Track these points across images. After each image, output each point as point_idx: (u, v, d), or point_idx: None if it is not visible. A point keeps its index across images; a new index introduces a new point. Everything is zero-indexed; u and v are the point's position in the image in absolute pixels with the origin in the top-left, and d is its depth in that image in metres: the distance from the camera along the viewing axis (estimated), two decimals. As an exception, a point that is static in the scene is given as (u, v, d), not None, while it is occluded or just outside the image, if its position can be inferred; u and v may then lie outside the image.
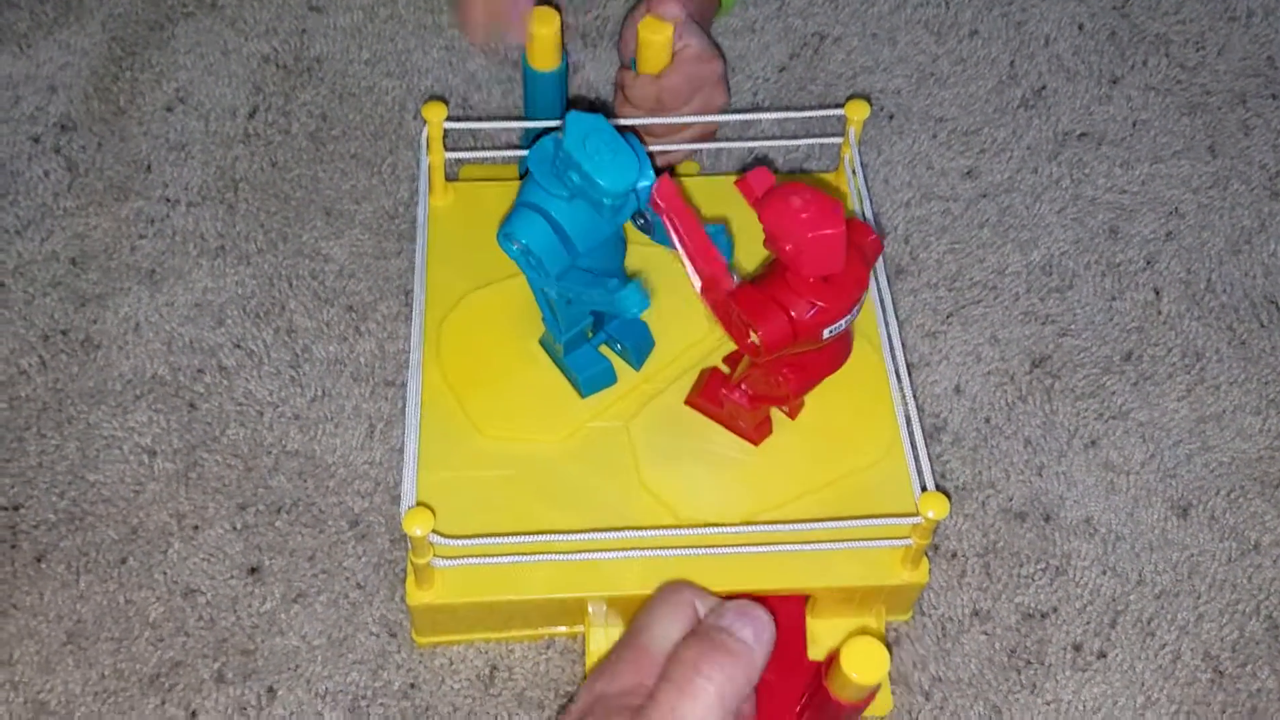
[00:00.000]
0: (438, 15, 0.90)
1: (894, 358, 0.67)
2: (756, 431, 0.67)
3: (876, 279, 0.69)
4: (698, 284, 0.60)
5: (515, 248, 0.61)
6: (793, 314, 0.57)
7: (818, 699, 0.56)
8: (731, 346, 0.66)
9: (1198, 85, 0.90)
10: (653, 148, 0.74)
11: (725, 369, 0.67)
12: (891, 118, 0.87)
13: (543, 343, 0.69)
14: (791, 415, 0.68)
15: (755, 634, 0.53)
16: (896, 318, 0.68)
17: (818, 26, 0.91)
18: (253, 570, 0.68)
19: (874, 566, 0.64)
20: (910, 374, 0.74)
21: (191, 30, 0.89)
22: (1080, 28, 0.92)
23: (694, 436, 0.67)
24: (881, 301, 0.69)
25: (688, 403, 0.68)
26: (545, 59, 0.73)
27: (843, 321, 0.58)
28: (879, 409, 0.68)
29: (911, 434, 0.64)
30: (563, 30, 0.72)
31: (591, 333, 0.68)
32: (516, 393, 0.68)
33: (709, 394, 0.67)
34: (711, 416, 0.67)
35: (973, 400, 0.76)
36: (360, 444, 0.73)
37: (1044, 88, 0.89)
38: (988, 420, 0.75)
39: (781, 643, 0.56)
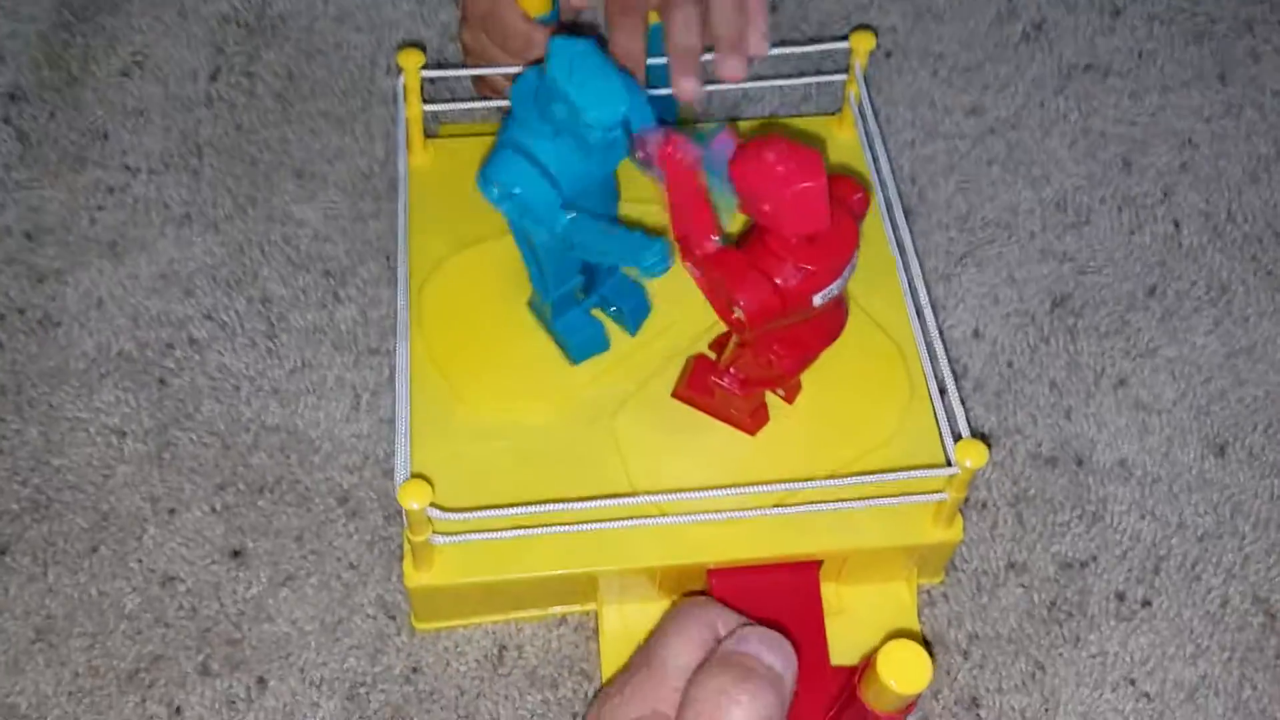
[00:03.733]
0: (406, -33, 0.85)
1: (915, 296, 0.62)
2: (752, 420, 0.61)
3: (891, 214, 0.65)
4: (677, 244, 0.55)
5: (495, 191, 0.56)
6: (778, 281, 0.52)
7: (851, 711, 0.51)
8: (720, 328, 0.61)
9: (1202, 13, 0.86)
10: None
11: (712, 355, 0.62)
12: (889, 55, 0.83)
13: (532, 306, 0.65)
14: (789, 399, 0.62)
15: (784, 661, 0.48)
16: (916, 252, 0.63)
17: (807, -35, 0.86)
18: (236, 554, 0.63)
19: (904, 525, 0.59)
20: (921, 319, 0.70)
21: (144, -9, 0.83)
22: (1079, -42, 0.88)
23: (684, 432, 0.62)
24: (899, 241, 0.64)
25: (675, 396, 0.63)
26: (535, 4, 0.69)
27: (834, 285, 0.53)
28: (887, 374, 0.63)
29: (940, 377, 0.59)
30: None
31: (583, 294, 0.63)
32: (504, 362, 0.64)
33: (696, 384, 0.61)
34: (701, 408, 0.62)
35: (993, 344, 0.72)
36: (345, 416, 0.68)
37: (1044, 21, 0.85)
38: (1010, 364, 0.71)
39: (802, 648, 0.51)
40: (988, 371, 0.71)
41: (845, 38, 0.68)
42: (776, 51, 0.71)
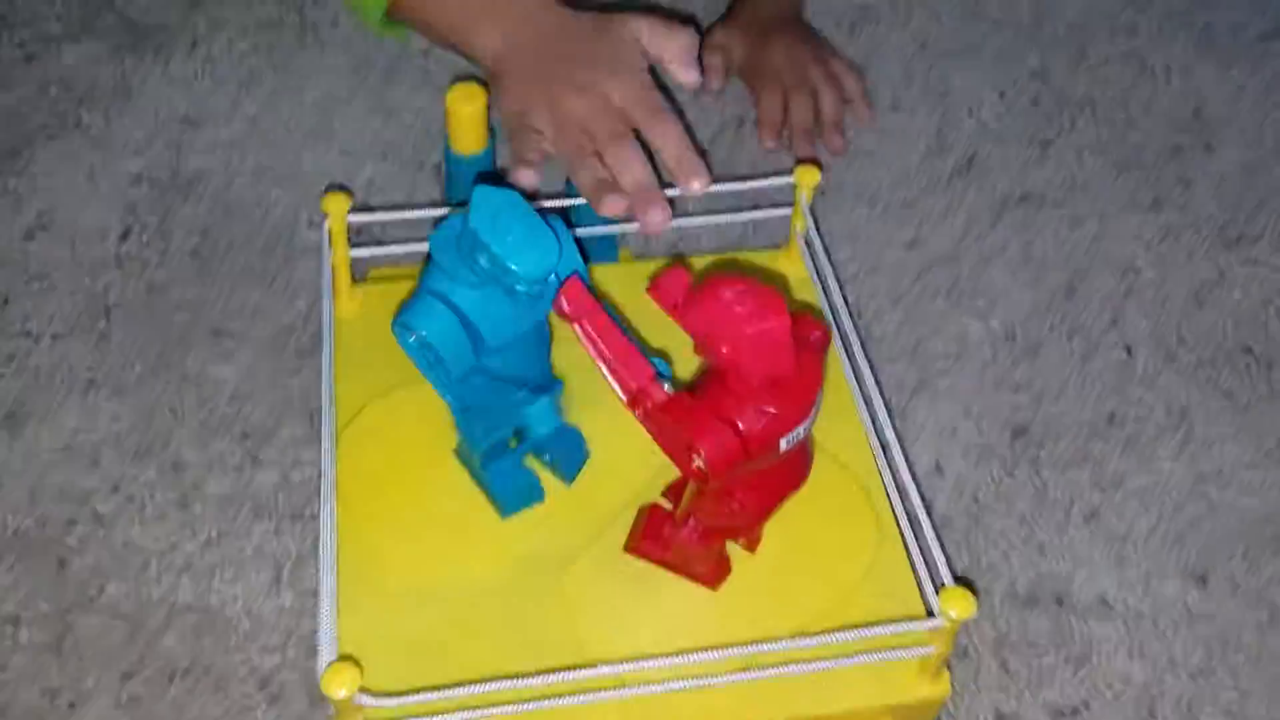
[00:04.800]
0: (328, 121, 0.83)
1: (877, 433, 0.59)
2: (713, 573, 0.57)
3: (847, 347, 0.62)
4: (623, 398, 0.52)
5: (412, 340, 0.53)
6: (740, 425, 0.49)
7: None
8: (673, 473, 0.57)
9: (1130, 143, 0.87)
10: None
11: (666, 504, 0.58)
12: (823, 193, 0.81)
13: (459, 454, 0.60)
14: (751, 548, 0.58)
15: None
16: (877, 383, 0.60)
17: (736, 109, 0.86)
18: (142, 753, 0.57)
19: (886, 682, 0.54)
20: (886, 454, 0.67)
21: (53, 153, 0.80)
22: (1002, 95, 0.89)
23: (640, 589, 0.57)
24: (857, 374, 0.61)
25: (628, 550, 0.58)
26: (470, 141, 0.66)
27: (800, 428, 0.50)
28: (854, 515, 0.59)
29: (913, 521, 0.56)
30: (490, 109, 0.65)
31: (515, 441, 0.59)
32: (435, 518, 0.58)
33: (651, 536, 0.57)
34: (658, 562, 0.57)
35: (956, 479, 0.68)
36: (266, 590, 0.62)
37: (975, 154, 0.85)
38: (976, 499, 0.68)
39: None
40: (953, 508, 0.67)
41: (789, 171, 0.66)
42: (719, 188, 0.70)
